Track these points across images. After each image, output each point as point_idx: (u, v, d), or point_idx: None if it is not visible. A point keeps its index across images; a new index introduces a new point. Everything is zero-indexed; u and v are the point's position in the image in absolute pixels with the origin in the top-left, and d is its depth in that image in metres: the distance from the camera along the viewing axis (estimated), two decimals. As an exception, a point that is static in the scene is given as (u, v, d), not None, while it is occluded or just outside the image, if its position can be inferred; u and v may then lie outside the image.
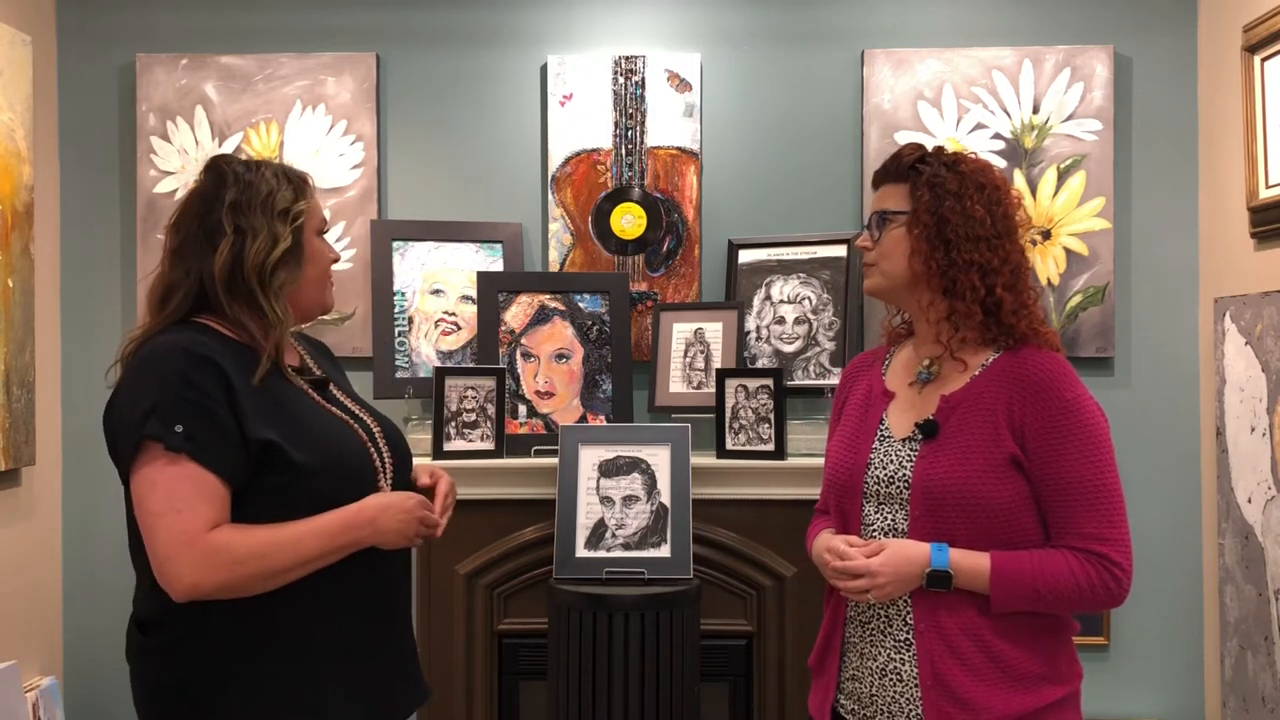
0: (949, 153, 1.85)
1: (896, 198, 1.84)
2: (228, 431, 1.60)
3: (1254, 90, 2.70)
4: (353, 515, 1.68)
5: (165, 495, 1.58)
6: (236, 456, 1.61)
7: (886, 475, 1.81)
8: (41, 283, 3.00)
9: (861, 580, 1.74)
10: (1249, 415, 2.69)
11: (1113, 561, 1.70)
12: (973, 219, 1.77)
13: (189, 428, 1.58)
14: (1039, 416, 1.72)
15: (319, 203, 1.84)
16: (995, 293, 1.77)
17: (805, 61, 3.11)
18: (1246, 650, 2.71)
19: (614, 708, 2.50)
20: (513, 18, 3.13)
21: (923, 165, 1.82)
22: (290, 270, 1.73)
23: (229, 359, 1.64)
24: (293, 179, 1.78)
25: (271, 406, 1.67)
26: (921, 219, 1.78)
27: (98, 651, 3.11)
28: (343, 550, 1.67)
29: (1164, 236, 3.05)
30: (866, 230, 1.88)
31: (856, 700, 1.82)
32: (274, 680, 1.66)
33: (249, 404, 1.63)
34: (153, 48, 3.13)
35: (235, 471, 1.61)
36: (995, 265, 1.77)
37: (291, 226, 1.74)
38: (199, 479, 1.58)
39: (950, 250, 1.77)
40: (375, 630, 1.77)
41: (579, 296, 3.02)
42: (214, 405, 1.60)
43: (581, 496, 2.71)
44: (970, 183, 1.79)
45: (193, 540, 1.57)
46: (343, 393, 1.88)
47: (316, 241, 1.80)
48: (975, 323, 1.78)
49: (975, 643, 1.72)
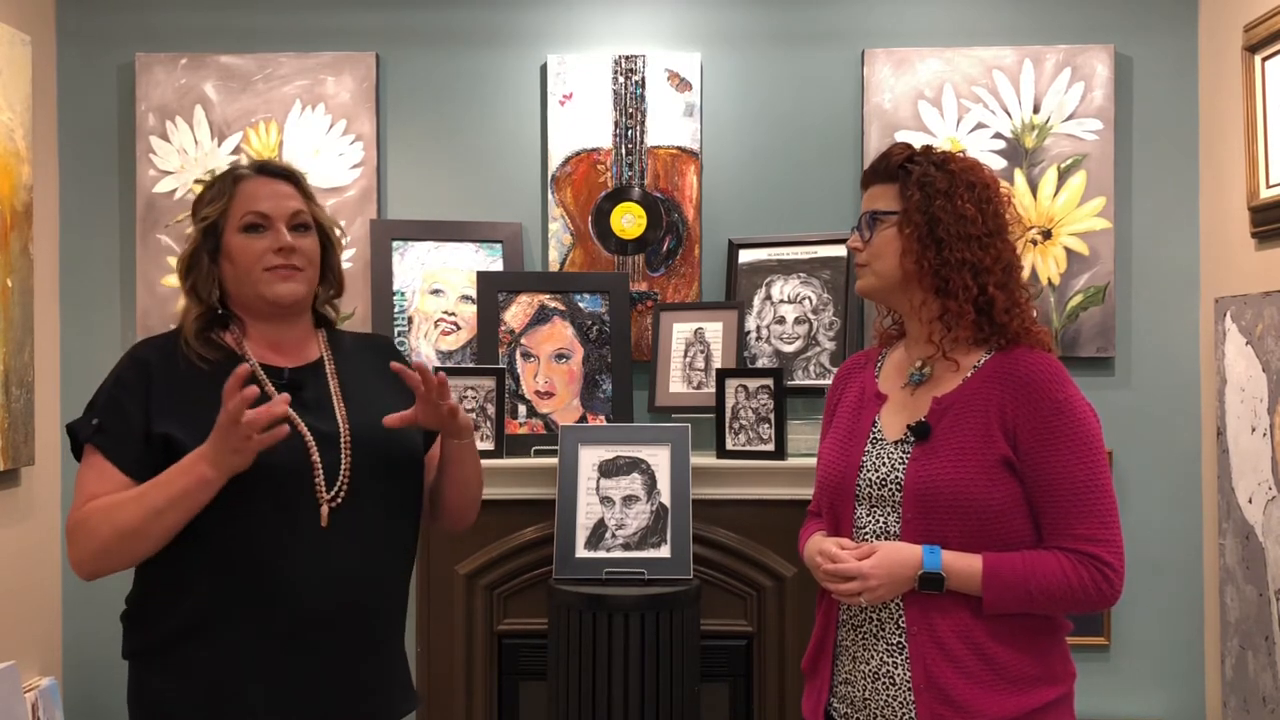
0: (938, 151, 1.84)
1: (886, 198, 1.83)
2: (133, 426, 1.71)
3: (1254, 90, 2.70)
4: (179, 466, 1.65)
5: (78, 482, 1.73)
6: (137, 450, 1.70)
7: (879, 478, 1.80)
8: (41, 283, 3.00)
9: (854, 583, 1.74)
10: (1249, 415, 2.69)
11: (1104, 562, 1.70)
12: (964, 218, 1.76)
13: (102, 421, 1.72)
14: (1031, 417, 1.72)
15: (259, 195, 1.79)
16: (988, 291, 1.76)
17: (805, 61, 3.11)
18: (1247, 650, 2.71)
19: (614, 708, 2.50)
20: (513, 18, 3.13)
21: (911, 164, 1.81)
22: (200, 270, 1.79)
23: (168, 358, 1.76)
24: (224, 178, 1.82)
25: (189, 402, 1.71)
26: (912, 218, 1.78)
27: (98, 651, 3.10)
28: (188, 491, 1.63)
29: (1164, 236, 3.05)
30: (856, 231, 1.87)
31: (849, 704, 1.82)
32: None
33: (165, 400, 1.72)
34: (152, 48, 3.12)
35: (136, 464, 1.70)
36: (987, 264, 1.77)
37: (198, 227, 1.80)
38: (99, 469, 1.71)
39: (942, 249, 1.76)
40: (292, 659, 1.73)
41: (579, 296, 3.02)
42: (128, 401, 1.72)
43: (581, 496, 2.71)
44: (960, 181, 1.79)
45: (72, 516, 1.71)
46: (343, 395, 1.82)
47: (237, 238, 1.77)
48: (968, 322, 1.78)
49: (968, 645, 1.72)
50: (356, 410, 1.81)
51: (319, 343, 1.88)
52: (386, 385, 1.83)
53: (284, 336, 1.83)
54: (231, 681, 1.70)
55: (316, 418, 1.77)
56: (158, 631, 1.73)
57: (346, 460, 1.76)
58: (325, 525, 1.72)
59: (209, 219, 1.79)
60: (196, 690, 1.71)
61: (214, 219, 1.78)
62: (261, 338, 1.82)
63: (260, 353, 1.81)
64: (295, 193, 1.83)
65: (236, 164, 1.85)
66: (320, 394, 1.82)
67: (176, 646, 1.71)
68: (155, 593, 1.75)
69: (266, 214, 1.78)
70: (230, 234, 1.78)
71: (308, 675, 1.73)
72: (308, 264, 1.81)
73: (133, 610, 1.79)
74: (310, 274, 1.82)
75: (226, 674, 1.70)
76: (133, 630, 1.78)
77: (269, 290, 1.78)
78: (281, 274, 1.78)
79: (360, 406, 1.82)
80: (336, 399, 1.82)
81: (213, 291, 1.79)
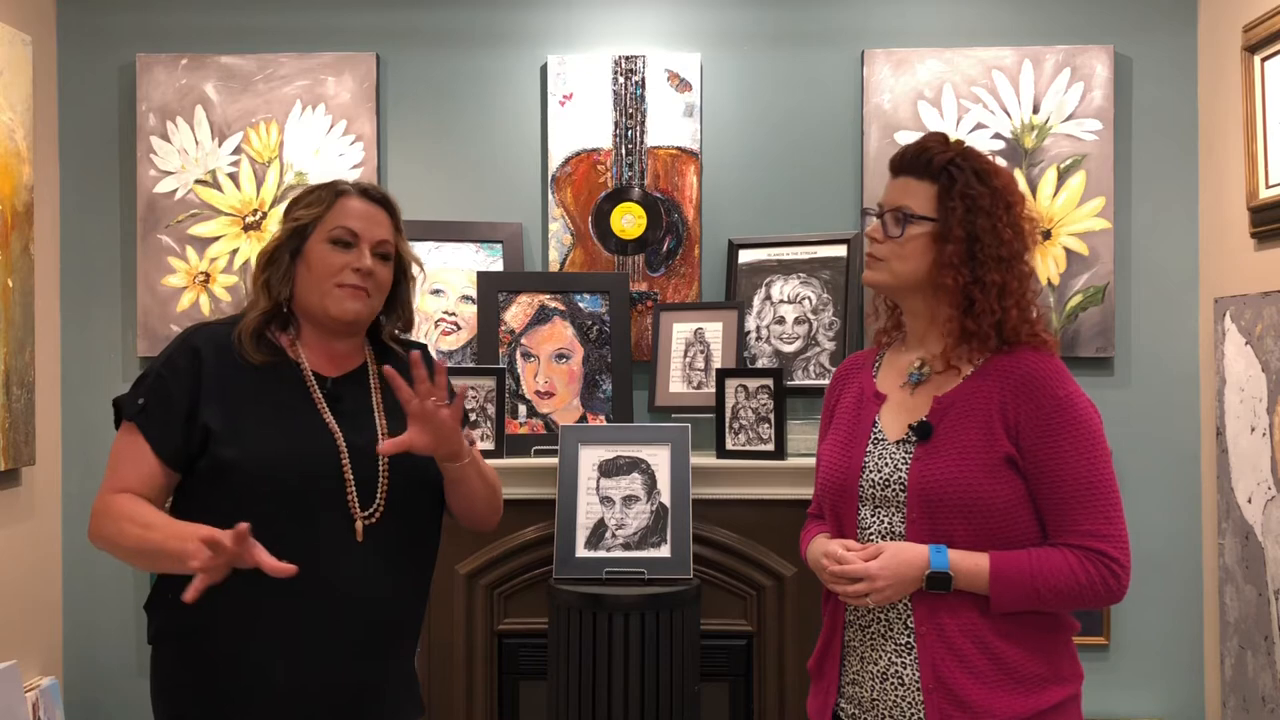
0: (976, 156, 1.80)
1: (921, 197, 1.78)
2: (175, 412, 1.74)
3: (1254, 90, 2.70)
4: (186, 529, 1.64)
5: (113, 456, 1.77)
6: (175, 436, 1.74)
7: (881, 478, 1.79)
8: (41, 283, 3.00)
9: (860, 584, 1.73)
10: (1249, 415, 2.69)
11: (1111, 558, 1.69)
12: (1002, 241, 1.75)
13: (148, 401, 1.75)
14: (1033, 414, 1.72)
15: (355, 213, 1.83)
16: (1010, 313, 1.76)
17: (805, 61, 3.11)
18: (1246, 650, 2.71)
19: (614, 708, 2.50)
20: (513, 18, 3.13)
21: (954, 169, 1.77)
22: (279, 268, 1.82)
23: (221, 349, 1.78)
24: (327, 188, 1.86)
25: (236, 399, 1.76)
26: (954, 233, 1.75)
27: (98, 651, 3.11)
28: (165, 555, 1.63)
29: (1164, 236, 3.05)
30: (879, 220, 1.82)
31: (857, 704, 1.81)
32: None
33: (212, 391, 1.75)
34: (153, 48, 3.13)
35: (171, 450, 1.74)
36: (1013, 287, 1.76)
37: (286, 226, 1.83)
38: (137, 448, 1.75)
39: (976, 269, 1.74)
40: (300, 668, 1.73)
41: (579, 296, 3.02)
42: (174, 386, 1.75)
43: (581, 496, 2.71)
44: (1000, 201, 1.76)
45: (101, 498, 1.75)
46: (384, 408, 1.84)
47: (320, 247, 1.81)
48: (986, 342, 1.77)
49: (977, 644, 1.71)
50: (398, 423, 1.79)
51: (366, 355, 1.90)
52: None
53: (336, 348, 1.86)
54: (251, 673, 1.72)
55: (353, 430, 1.80)
56: (181, 621, 1.72)
57: (384, 476, 1.79)
58: (360, 540, 1.75)
59: (301, 221, 1.82)
60: (216, 680, 1.73)
61: (306, 223, 1.82)
62: (317, 344, 1.85)
63: (313, 359, 1.84)
64: (388, 221, 1.87)
65: (341, 180, 1.89)
66: (359, 405, 1.84)
67: (199, 636, 1.73)
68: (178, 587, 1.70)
69: (356, 232, 1.82)
70: (316, 242, 1.82)
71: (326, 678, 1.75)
72: (377, 290, 1.85)
73: (156, 598, 1.81)
74: (376, 301, 1.86)
75: (246, 665, 1.72)
76: (156, 616, 1.80)
77: (335, 305, 1.81)
78: (350, 292, 1.81)
79: (399, 421, 1.79)
80: (378, 411, 1.84)
81: (284, 290, 1.82)
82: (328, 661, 1.74)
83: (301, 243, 1.82)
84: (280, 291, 1.82)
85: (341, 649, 1.75)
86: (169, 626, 1.78)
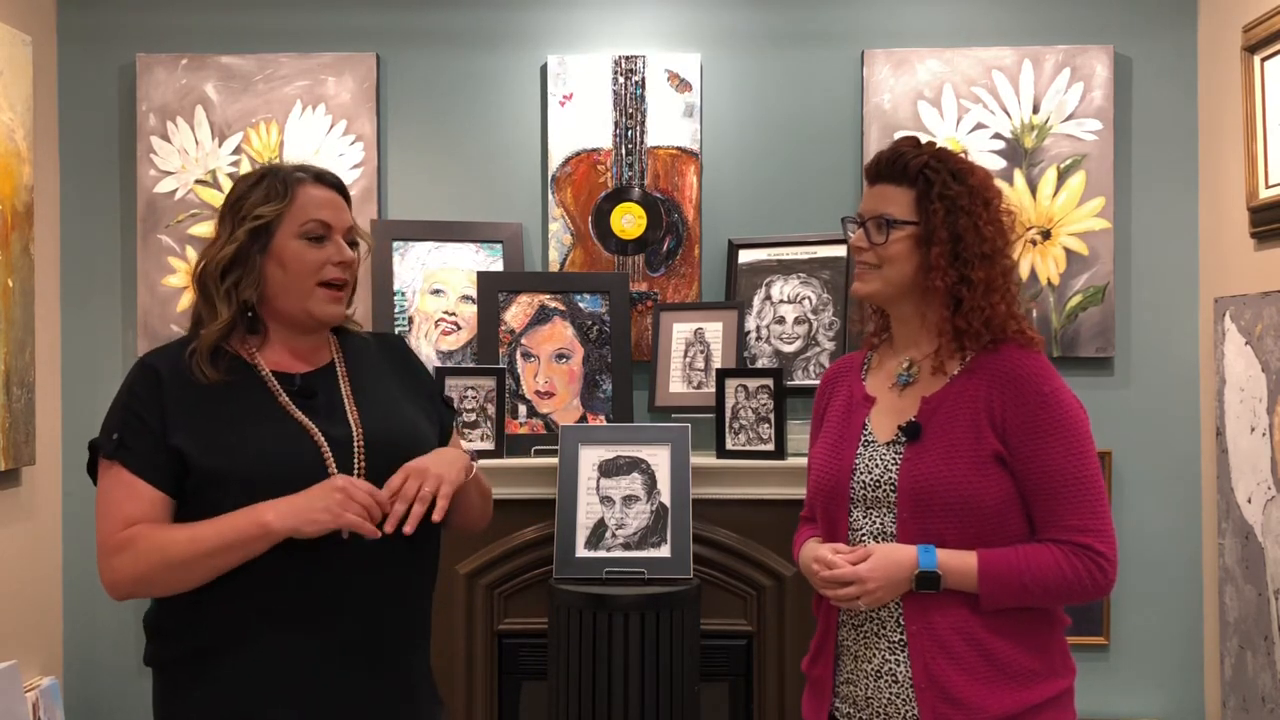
0: (950, 157, 1.82)
1: (900, 203, 1.80)
2: (154, 437, 1.66)
3: (1254, 90, 2.70)
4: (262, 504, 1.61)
5: (101, 501, 1.68)
6: (161, 460, 1.65)
7: (872, 479, 1.81)
8: (41, 283, 3.00)
9: (851, 588, 1.74)
10: (1249, 415, 2.69)
11: (1097, 552, 1.72)
12: (984, 238, 1.77)
13: (122, 435, 1.66)
14: (1019, 411, 1.73)
15: (321, 203, 1.74)
16: (997, 308, 1.78)
17: (805, 61, 3.11)
18: (1246, 650, 2.71)
19: (614, 708, 2.50)
20: (513, 18, 3.13)
21: (930, 172, 1.78)
22: (246, 272, 1.71)
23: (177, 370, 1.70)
24: (280, 180, 1.74)
25: (200, 416, 1.67)
26: (938, 235, 1.76)
27: (98, 651, 3.11)
28: (243, 536, 1.60)
29: (1164, 236, 3.06)
30: (862, 229, 1.83)
31: (852, 704, 1.82)
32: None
33: (178, 411, 1.67)
34: (153, 48, 3.13)
35: (164, 477, 1.66)
36: (999, 282, 1.78)
37: (246, 227, 1.70)
38: (128, 484, 1.65)
39: (962, 267, 1.76)
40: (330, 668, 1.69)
41: (579, 296, 3.02)
42: (146, 413, 1.67)
43: (581, 496, 2.71)
44: (978, 198, 1.78)
45: (108, 540, 1.65)
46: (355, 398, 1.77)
47: (294, 244, 1.71)
48: (977, 339, 1.78)
49: (968, 641, 1.73)
50: (369, 413, 1.76)
51: (330, 345, 1.84)
52: (398, 384, 1.82)
53: (302, 344, 1.79)
54: (257, 695, 1.67)
55: (329, 423, 1.73)
56: (183, 643, 1.68)
57: (360, 466, 1.71)
58: (346, 537, 1.63)
59: (265, 219, 1.71)
60: (223, 704, 1.67)
61: (269, 220, 1.71)
62: (282, 344, 1.77)
63: (275, 359, 1.76)
64: (344, 204, 1.80)
65: (280, 166, 1.77)
66: (332, 398, 1.77)
67: (202, 660, 1.67)
68: (179, 606, 1.69)
69: (329, 224, 1.74)
70: (286, 239, 1.71)
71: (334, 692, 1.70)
72: (353, 279, 1.79)
73: (156, 620, 1.74)
74: (350, 292, 1.80)
75: (252, 688, 1.67)
76: (156, 639, 1.74)
77: (319, 308, 1.73)
78: (332, 294, 1.74)
79: (372, 409, 1.77)
80: (349, 402, 1.77)
81: (254, 295, 1.72)
82: (338, 666, 1.69)
83: (269, 241, 1.71)
84: (250, 297, 1.71)
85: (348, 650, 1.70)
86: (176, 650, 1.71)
